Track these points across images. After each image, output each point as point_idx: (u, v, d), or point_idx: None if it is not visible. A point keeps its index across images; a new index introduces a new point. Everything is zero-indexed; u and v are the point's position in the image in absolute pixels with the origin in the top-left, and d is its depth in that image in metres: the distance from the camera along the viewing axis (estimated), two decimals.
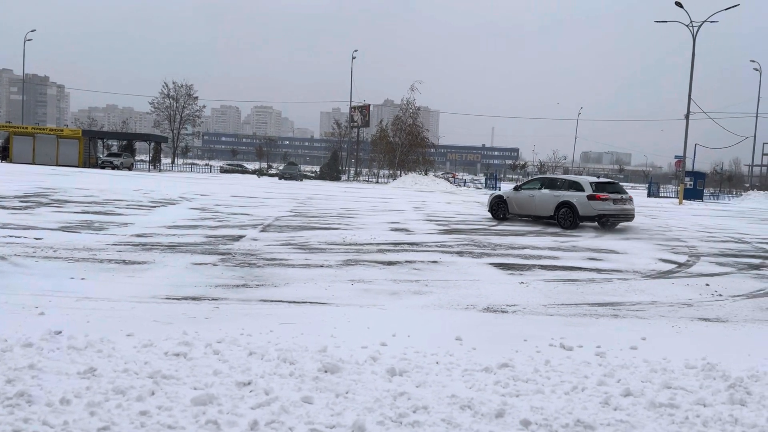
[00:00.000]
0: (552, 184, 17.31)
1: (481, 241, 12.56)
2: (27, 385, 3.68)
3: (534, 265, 9.62)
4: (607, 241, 13.72)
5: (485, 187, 53.03)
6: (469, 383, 4.18)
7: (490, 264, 9.58)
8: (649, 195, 50.98)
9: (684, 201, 38.26)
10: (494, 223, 16.88)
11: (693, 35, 37.55)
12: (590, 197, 15.76)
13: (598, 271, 9.43)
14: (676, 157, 78.65)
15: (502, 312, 6.45)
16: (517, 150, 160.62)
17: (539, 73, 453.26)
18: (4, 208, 13.97)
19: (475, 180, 75.22)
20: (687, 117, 38.23)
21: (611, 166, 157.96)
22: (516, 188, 18.07)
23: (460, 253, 10.57)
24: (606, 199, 15.80)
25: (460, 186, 54.16)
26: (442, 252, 10.66)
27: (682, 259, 11.16)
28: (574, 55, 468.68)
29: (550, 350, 5.07)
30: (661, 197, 49.70)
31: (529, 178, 22.24)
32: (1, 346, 4.36)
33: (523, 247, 11.78)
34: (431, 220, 17.16)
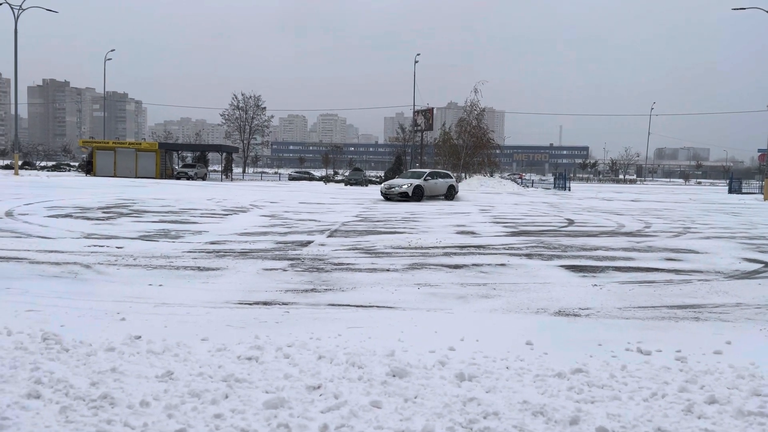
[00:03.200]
0: (439, 175, 28.62)
1: (550, 242, 12.25)
2: (110, 388, 3.85)
3: (607, 267, 9.29)
4: (686, 240, 13.10)
5: (554, 187, 51.79)
6: (541, 389, 4.07)
7: (561, 266, 9.32)
8: (730, 191, 48.39)
9: None
10: (564, 224, 16.45)
11: None
12: (455, 181, 29.28)
13: (677, 272, 9.01)
14: (759, 150, 74.26)
15: (575, 316, 6.26)
16: (586, 148, 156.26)
17: (609, 70, 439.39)
18: (88, 219, 14.78)
19: (543, 180, 73.62)
20: None
21: (688, 162, 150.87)
22: (425, 179, 26.62)
23: (529, 256, 10.35)
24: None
25: (527, 187, 53.10)
26: (510, 254, 10.47)
27: None
28: (648, 49, 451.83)
29: (627, 355, 4.86)
30: (744, 193, 47.00)
31: (428, 171, 28.95)
32: (86, 350, 4.59)
33: (596, 248, 11.40)
34: (498, 223, 16.90)
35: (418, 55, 58.96)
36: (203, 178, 52.06)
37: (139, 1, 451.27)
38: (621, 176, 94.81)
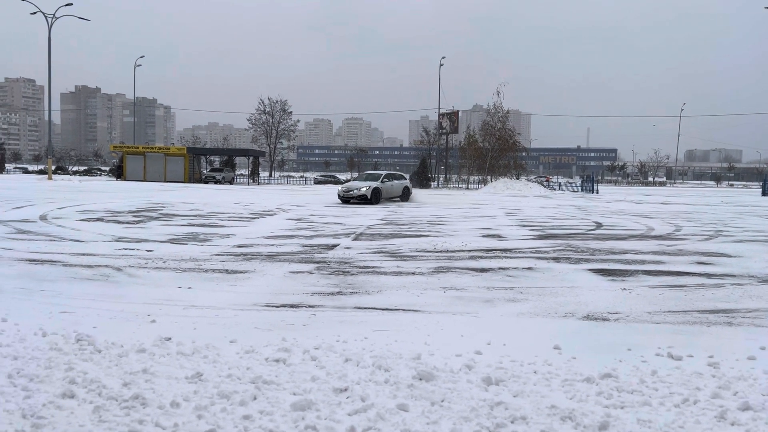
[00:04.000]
0: (395, 176, 27.98)
1: (578, 246, 12.12)
2: (141, 389, 3.92)
3: (637, 271, 9.16)
4: (718, 244, 12.85)
5: (582, 190, 51.18)
6: (570, 393, 4.03)
7: (589, 270, 9.22)
8: (763, 194, 47.25)
9: None
10: (592, 228, 16.25)
11: None
12: (409, 183, 28.99)
13: (708, 276, 8.83)
14: None
15: (604, 320, 6.18)
16: (614, 151, 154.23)
17: (638, 71, 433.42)
18: (119, 222, 15.06)
19: (571, 183, 72.81)
20: None
21: (719, 164, 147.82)
22: (382, 181, 25.97)
23: (556, 259, 10.25)
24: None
25: (554, 190, 52.60)
26: (538, 258, 10.38)
27: None
28: (679, 49, 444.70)
29: (657, 360, 4.79)
30: None
31: (384, 172, 27.96)
32: (118, 351, 4.69)
33: (625, 252, 11.25)
34: (525, 226, 16.77)
35: (443, 58, 58.94)
36: (230, 182, 52.66)
37: (167, 8, 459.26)
38: (650, 179, 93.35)
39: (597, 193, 45.90)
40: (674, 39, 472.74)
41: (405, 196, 27.81)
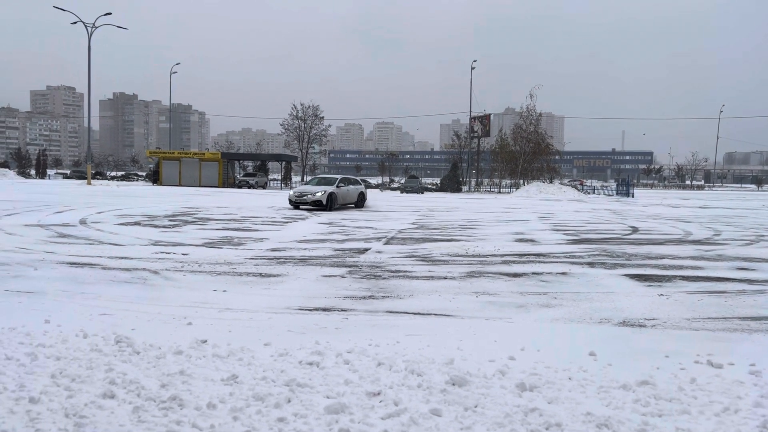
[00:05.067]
0: (350, 181, 25.83)
1: (614, 251, 11.92)
2: (178, 390, 4.00)
3: (674, 276, 8.97)
4: (760, 249, 12.50)
5: (617, 193, 50.31)
6: (606, 401, 3.97)
7: (625, 275, 9.06)
8: None
9: None
10: (628, 232, 15.97)
11: None
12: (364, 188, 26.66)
13: (750, 281, 8.60)
14: None
15: (640, 326, 6.07)
16: (650, 153, 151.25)
17: (674, 72, 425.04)
18: (155, 226, 15.38)
19: (606, 186, 71.63)
20: None
21: (761, 167, 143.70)
22: (338, 186, 24.07)
23: (591, 264, 10.10)
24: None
25: (588, 193, 51.82)
26: (572, 263, 10.25)
27: None
28: (716, 51, 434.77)
29: (696, 367, 4.68)
30: None
31: (340, 177, 25.48)
32: (156, 353, 4.79)
33: (662, 257, 11.02)
34: (558, 230, 16.57)
35: (475, 61, 58.71)
36: (264, 187, 53.27)
37: (203, 18, 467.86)
38: (688, 182, 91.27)
39: (632, 196, 45.06)
40: (714, 40, 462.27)
41: (360, 202, 25.61)
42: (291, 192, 24.04)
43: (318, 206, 22.96)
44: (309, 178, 26.42)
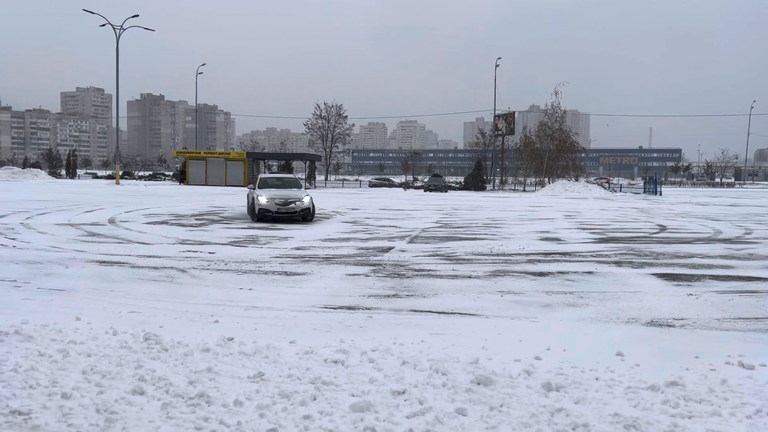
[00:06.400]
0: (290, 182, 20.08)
1: (641, 249, 11.75)
2: (206, 387, 4.05)
3: (704, 276, 8.81)
4: None
5: (644, 191, 49.54)
6: (634, 401, 3.92)
7: (653, 274, 8.92)
8: None
9: None
10: (656, 231, 15.73)
11: None
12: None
13: None
14: None
15: (669, 326, 5.97)
16: (679, 151, 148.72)
17: (703, 69, 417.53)
18: (182, 225, 15.59)
19: (633, 184, 70.60)
20: None
21: None
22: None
23: (618, 263, 9.97)
24: None
25: (615, 192, 51.12)
26: (598, 262, 10.13)
27: None
28: (746, 44, 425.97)
29: (727, 369, 4.59)
30: None
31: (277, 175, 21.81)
32: (184, 350, 4.85)
33: (691, 256, 10.83)
34: (585, 229, 16.39)
35: (499, 59, 58.31)
36: None
37: (229, 17, 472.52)
38: (717, 180, 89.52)
39: (660, 194, 44.33)
40: (741, 35, 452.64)
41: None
42: (261, 197, 16.61)
43: (301, 217, 17.04)
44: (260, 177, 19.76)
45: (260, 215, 16.58)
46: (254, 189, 17.85)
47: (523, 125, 67.93)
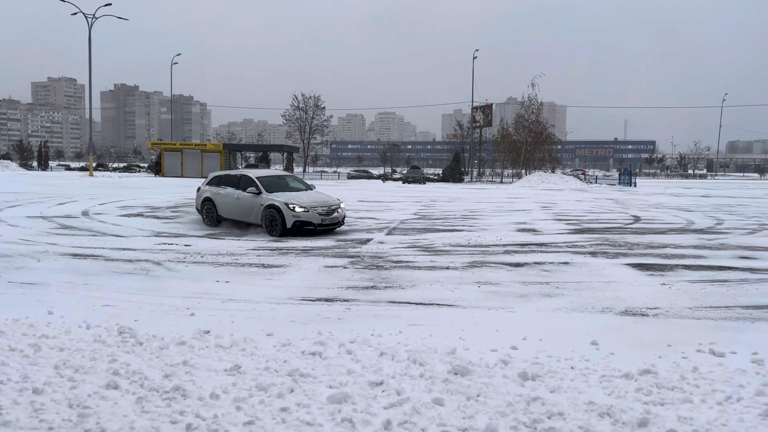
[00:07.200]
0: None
1: (616, 240, 11.91)
2: (181, 380, 4.01)
3: (677, 266, 8.96)
4: (762, 237, 12.48)
5: (619, 183, 50.18)
6: (608, 390, 3.97)
7: (627, 264, 9.05)
8: None
9: None
10: (630, 221, 15.95)
11: None
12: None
13: (752, 270, 8.59)
14: None
15: (642, 315, 6.07)
16: (653, 143, 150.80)
17: (677, 61, 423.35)
18: (158, 218, 15.39)
19: (608, 176, 71.49)
20: None
21: (763, 156, 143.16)
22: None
23: (593, 254, 10.10)
24: None
25: (591, 183, 51.69)
26: (574, 253, 10.24)
27: None
28: (721, 38, 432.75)
29: (698, 356, 4.69)
30: None
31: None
32: (159, 343, 4.80)
33: (664, 246, 11.01)
34: (561, 220, 16.55)
35: (477, 50, 58.37)
36: None
37: (204, 8, 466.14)
38: (690, 171, 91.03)
39: (635, 186, 44.93)
40: (715, 27, 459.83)
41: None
42: (295, 206, 12.30)
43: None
44: (213, 176, 14.83)
45: (296, 228, 12.17)
46: (260, 193, 12.68)
47: (500, 117, 68.28)
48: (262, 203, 12.54)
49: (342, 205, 13.21)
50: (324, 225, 12.48)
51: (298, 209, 12.21)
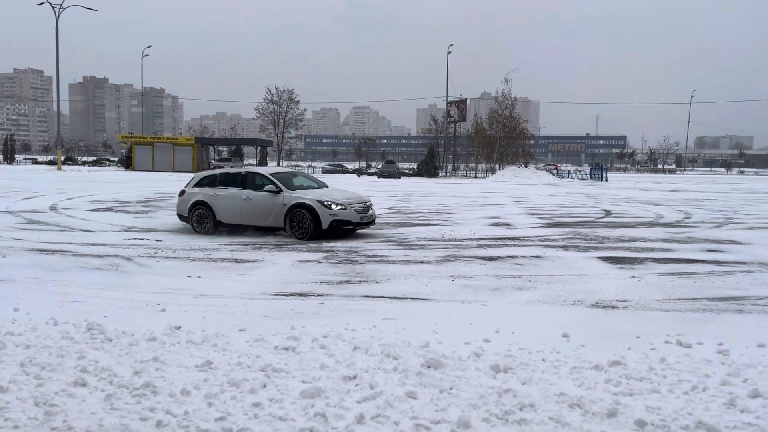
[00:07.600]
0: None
1: (587, 234, 12.08)
2: (152, 377, 3.95)
3: (646, 259, 9.12)
4: (728, 231, 12.77)
5: (591, 177, 50.88)
6: (578, 381, 4.03)
7: (598, 258, 9.19)
8: None
9: None
10: (601, 215, 16.19)
11: None
12: None
13: (718, 263, 8.78)
14: None
15: (612, 308, 6.17)
16: (624, 138, 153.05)
17: (647, 58, 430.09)
18: (128, 212, 15.14)
19: (580, 171, 72.47)
20: None
21: (730, 151, 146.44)
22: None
23: (565, 247, 10.22)
24: None
25: (563, 178, 52.32)
26: (546, 246, 10.36)
27: None
28: (689, 37, 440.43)
29: (666, 347, 4.78)
30: None
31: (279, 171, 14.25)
32: (129, 340, 4.72)
33: (634, 240, 11.20)
34: (533, 214, 16.72)
35: (451, 45, 58.55)
36: None
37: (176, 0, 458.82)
38: (660, 166, 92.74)
39: (606, 180, 45.63)
40: (684, 23, 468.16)
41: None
42: (331, 204, 11.02)
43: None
44: (206, 176, 12.38)
45: (331, 229, 10.91)
46: (280, 192, 11.13)
47: (474, 112, 68.61)
48: (286, 203, 11.01)
49: (371, 202, 12.27)
50: (362, 224, 11.48)
51: (335, 207, 10.90)
